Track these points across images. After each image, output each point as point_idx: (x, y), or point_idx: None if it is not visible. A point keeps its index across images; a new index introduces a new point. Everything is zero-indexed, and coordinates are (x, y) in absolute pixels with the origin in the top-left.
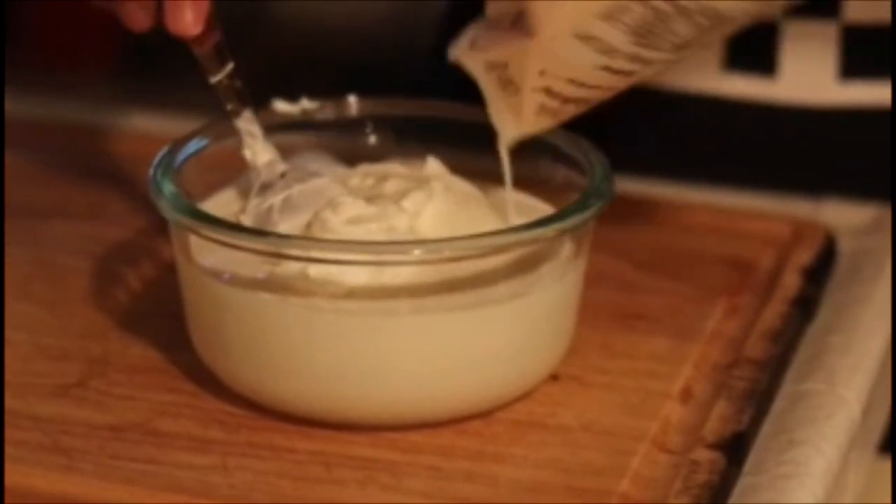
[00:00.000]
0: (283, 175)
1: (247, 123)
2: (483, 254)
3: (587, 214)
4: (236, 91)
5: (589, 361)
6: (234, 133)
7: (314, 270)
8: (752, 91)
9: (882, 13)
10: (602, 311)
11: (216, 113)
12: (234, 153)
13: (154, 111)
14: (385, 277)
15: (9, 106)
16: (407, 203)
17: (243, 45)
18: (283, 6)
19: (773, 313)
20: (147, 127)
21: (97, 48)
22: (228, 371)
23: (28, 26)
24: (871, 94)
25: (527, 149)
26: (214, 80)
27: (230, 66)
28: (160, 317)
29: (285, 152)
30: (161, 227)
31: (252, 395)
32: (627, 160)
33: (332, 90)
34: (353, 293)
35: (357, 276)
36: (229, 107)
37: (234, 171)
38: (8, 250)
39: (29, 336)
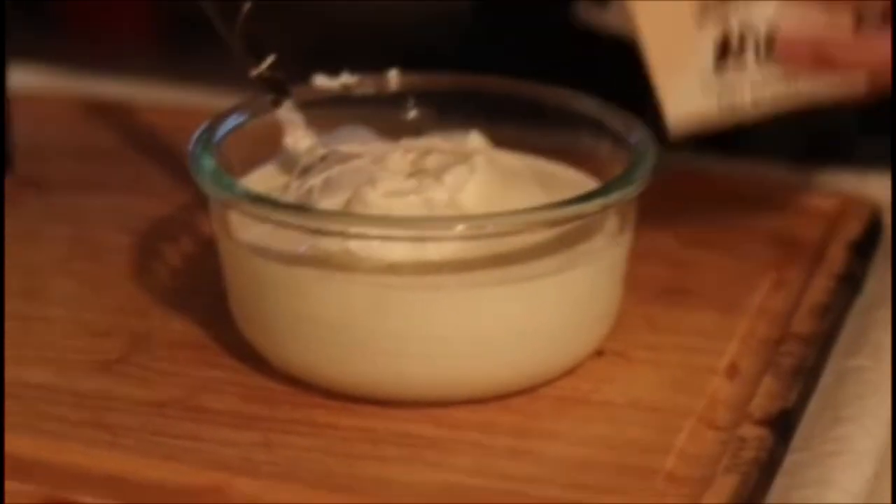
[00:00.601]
0: (323, 158)
1: (287, 112)
2: (526, 229)
3: (631, 189)
4: (277, 82)
5: (634, 337)
6: (274, 107)
7: (355, 245)
8: None
9: None
10: (647, 286)
11: (255, 87)
12: (274, 128)
13: (193, 85)
14: (427, 252)
15: (45, 81)
16: (449, 177)
17: (282, 22)
18: None
19: (820, 288)
20: (186, 100)
21: (133, 21)
22: (270, 347)
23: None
24: None
25: (570, 122)
26: (255, 73)
27: (270, 58)
28: (201, 292)
29: (326, 127)
30: (201, 201)
31: (294, 370)
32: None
33: (373, 64)
34: (394, 268)
35: (398, 252)
36: (270, 98)
37: (274, 145)
38: (48, 227)
39: (70, 312)
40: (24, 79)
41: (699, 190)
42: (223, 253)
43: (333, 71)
